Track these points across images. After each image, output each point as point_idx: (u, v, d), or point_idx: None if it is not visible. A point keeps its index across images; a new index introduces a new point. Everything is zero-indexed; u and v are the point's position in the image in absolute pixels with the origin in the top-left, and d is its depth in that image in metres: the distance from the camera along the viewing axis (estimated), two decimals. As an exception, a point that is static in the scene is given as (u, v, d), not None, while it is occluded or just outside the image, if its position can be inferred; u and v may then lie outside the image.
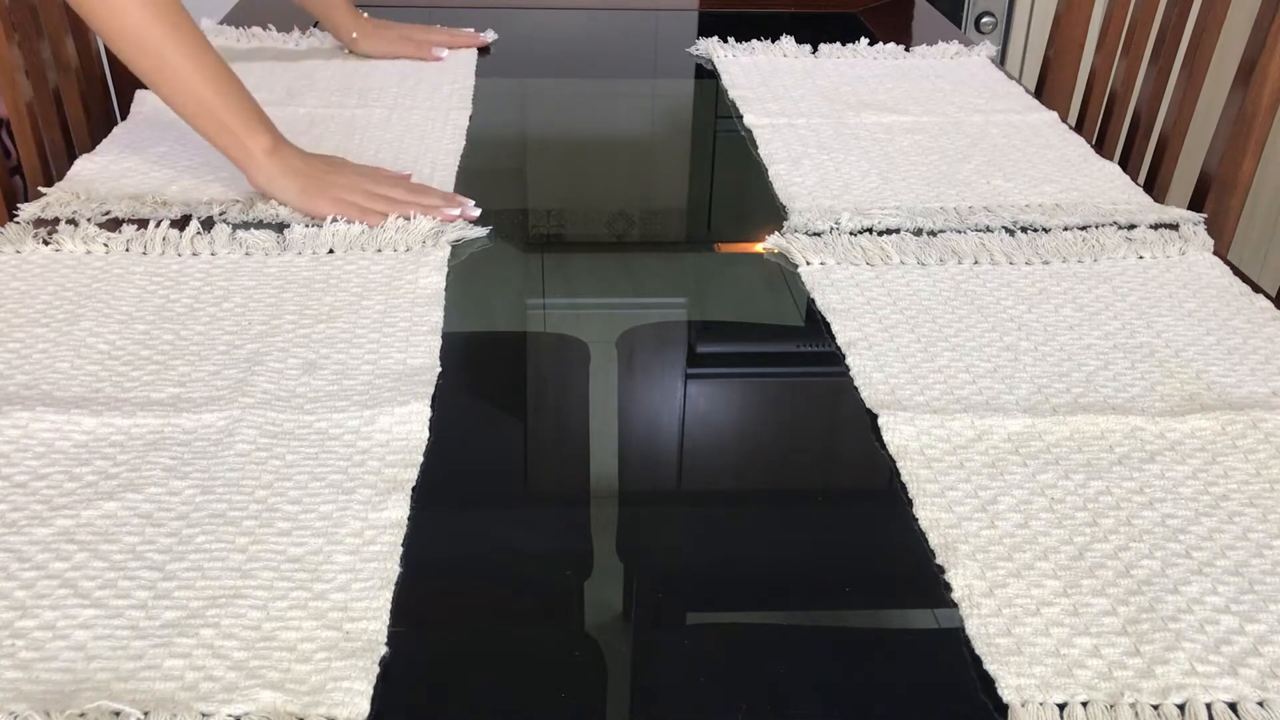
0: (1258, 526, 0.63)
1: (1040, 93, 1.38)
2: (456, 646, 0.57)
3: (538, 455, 0.73)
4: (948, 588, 0.59)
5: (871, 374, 0.76)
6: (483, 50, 1.41)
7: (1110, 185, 1.06)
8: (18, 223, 0.94)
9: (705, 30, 1.51)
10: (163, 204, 0.98)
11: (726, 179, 1.15)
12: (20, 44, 1.13)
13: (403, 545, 0.60)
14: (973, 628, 0.56)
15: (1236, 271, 0.91)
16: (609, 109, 1.33)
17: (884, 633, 0.59)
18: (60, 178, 1.09)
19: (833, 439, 0.76)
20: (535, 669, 0.55)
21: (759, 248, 0.97)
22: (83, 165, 1.05)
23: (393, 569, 0.59)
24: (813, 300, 0.87)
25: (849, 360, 0.78)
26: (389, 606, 0.56)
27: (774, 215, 1.01)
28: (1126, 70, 1.31)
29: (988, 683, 0.53)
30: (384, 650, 0.54)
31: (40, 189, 1.00)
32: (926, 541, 0.62)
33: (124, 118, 1.17)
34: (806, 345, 0.86)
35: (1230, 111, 1.13)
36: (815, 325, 0.87)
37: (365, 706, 0.51)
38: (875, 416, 0.73)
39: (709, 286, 0.95)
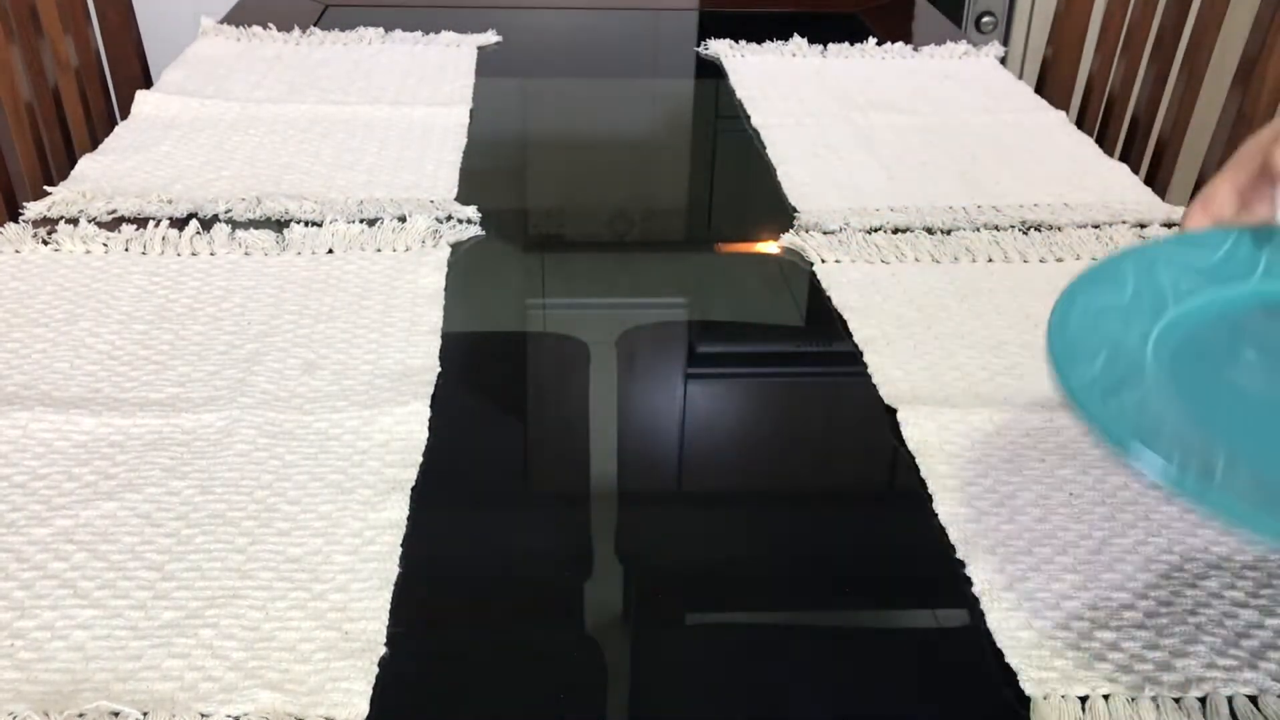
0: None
1: (1040, 93, 1.38)
2: (456, 647, 0.56)
3: (538, 455, 0.73)
4: (968, 582, 0.59)
5: (889, 370, 0.77)
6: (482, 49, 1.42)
7: (1120, 185, 1.06)
8: (20, 222, 0.95)
9: (705, 30, 1.51)
10: (168, 202, 0.98)
11: (727, 179, 1.15)
12: (20, 44, 1.13)
13: (402, 545, 0.60)
14: (994, 622, 0.57)
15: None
16: (609, 109, 1.33)
17: (905, 627, 0.59)
18: (61, 178, 1.09)
19: (835, 438, 0.76)
20: (535, 669, 0.55)
21: (773, 245, 0.97)
22: (87, 164, 1.05)
23: (392, 569, 0.59)
24: (818, 299, 0.88)
25: (866, 357, 0.78)
26: (388, 607, 0.56)
27: (777, 214, 1.01)
28: (1126, 70, 1.31)
29: (1010, 676, 0.54)
30: (383, 651, 0.54)
31: (46, 188, 1.00)
32: (946, 536, 0.62)
33: (124, 117, 1.17)
34: (807, 345, 0.86)
35: (1230, 111, 1.13)
36: (815, 325, 0.87)
37: (364, 707, 0.51)
38: (882, 414, 0.73)
39: (709, 286, 0.95)
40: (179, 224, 0.94)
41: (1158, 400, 0.52)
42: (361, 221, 0.95)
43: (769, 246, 0.97)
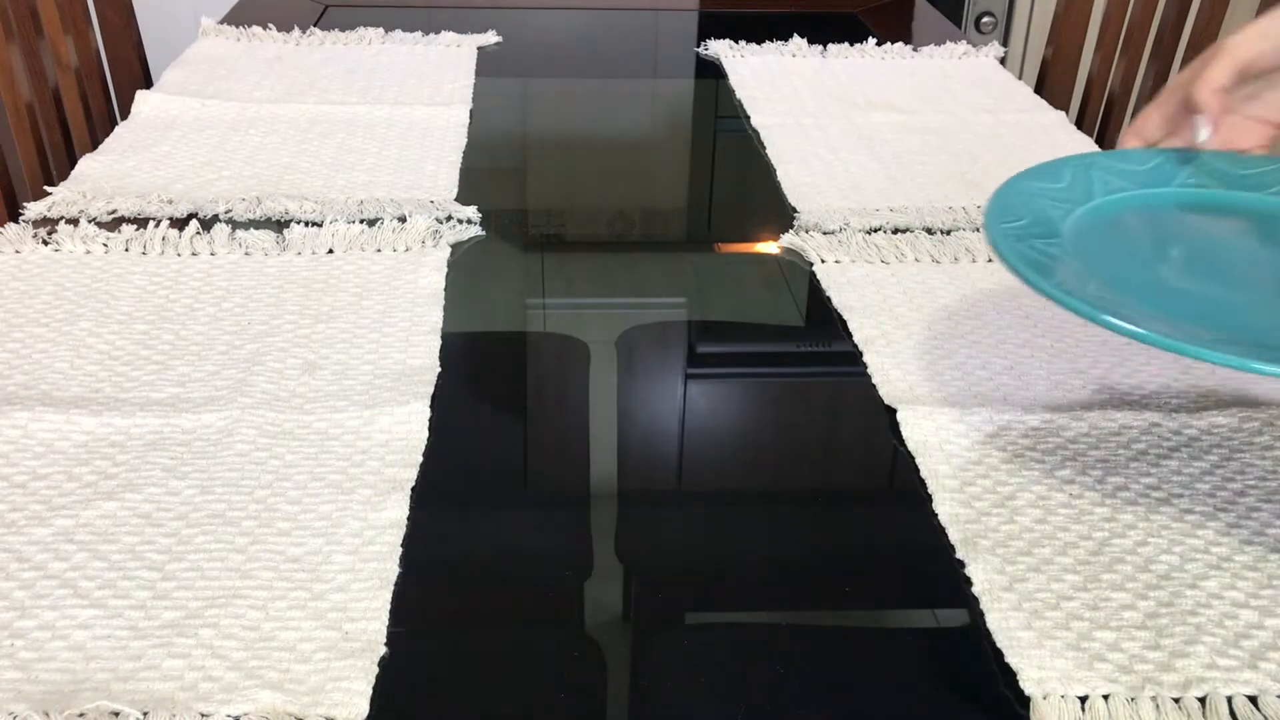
0: (1275, 522, 0.64)
1: (1040, 93, 1.38)
2: (456, 646, 0.57)
3: (537, 455, 0.73)
4: (968, 582, 0.59)
5: (889, 370, 0.77)
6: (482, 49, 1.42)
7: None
8: (21, 222, 0.95)
9: (705, 30, 1.51)
10: (168, 202, 0.98)
11: (727, 179, 1.15)
12: (20, 44, 1.13)
13: (402, 545, 0.60)
14: (994, 621, 0.57)
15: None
16: (609, 109, 1.33)
17: (905, 627, 0.59)
18: (61, 178, 1.09)
19: (836, 438, 0.77)
20: (535, 669, 0.55)
21: (773, 245, 0.97)
22: (87, 165, 1.05)
23: (392, 569, 0.59)
24: (818, 299, 0.88)
25: (866, 357, 0.78)
26: (388, 607, 0.56)
27: (776, 214, 1.01)
28: (1126, 70, 1.31)
29: (1009, 676, 0.54)
30: (383, 650, 0.54)
31: (46, 188, 1.00)
32: (946, 537, 0.62)
33: (124, 117, 1.17)
34: (807, 345, 0.86)
35: (1231, 111, 1.13)
36: (815, 325, 0.87)
37: (364, 707, 0.51)
38: (882, 415, 0.73)
39: (709, 286, 0.95)
40: (179, 224, 0.94)
41: (1059, 250, 0.63)
42: (361, 221, 0.95)
43: (769, 246, 0.97)
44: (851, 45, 1.42)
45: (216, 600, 0.56)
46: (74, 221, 0.94)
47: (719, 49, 1.42)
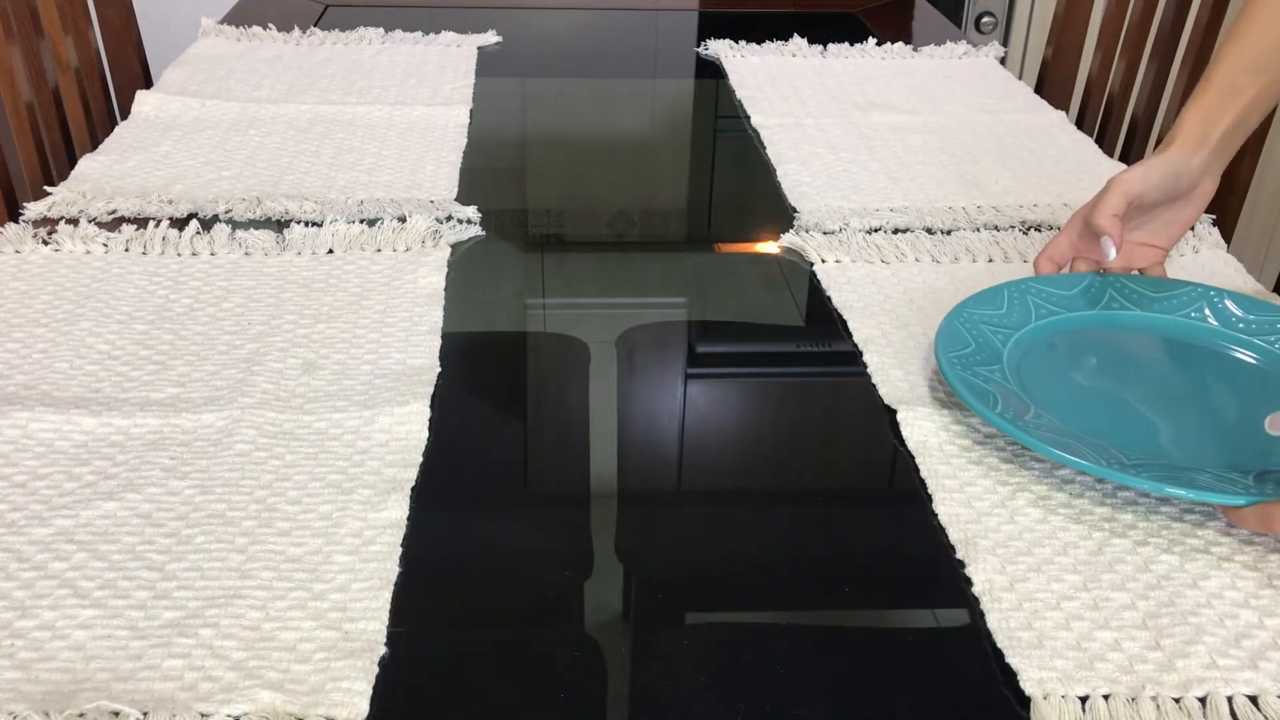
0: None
1: (1040, 93, 1.38)
2: (456, 646, 0.57)
3: (538, 455, 0.73)
4: (968, 582, 0.59)
5: (889, 370, 0.77)
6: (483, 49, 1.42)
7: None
8: (21, 222, 0.95)
9: (705, 30, 1.51)
10: (168, 202, 0.98)
11: (727, 179, 1.15)
12: (20, 44, 1.13)
13: (402, 545, 0.60)
14: (994, 622, 0.57)
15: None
16: (609, 109, 1.33)
17: (905, 627, 0.59)
18: (61, 178, 1.09)
19: (836, 438, 0.77)
20: (535, 669, 0.55)
21: (773, 245, 0.97)
22: (87, 164, 1.05)
23: (392, 569, 0.59)
24: (818, 299, 0.88)
25: (866, 357, 0.78)
26: (388, 606, 0.56)
27: (776, 214, 1.01)
28: (1126, 70, 1.31)
29: (1009, 676, 0.54)
30: (383, 650, 0.54)
31: (46, 188, 1.00)
32: (946, 537, 0.62)
33: (124, 117, 1.17)
34: (807, 345, 0.86)
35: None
36: (815, 325, 0.87)
37: (364, 707, 0.51)
38: (882, 415, 0.73)
39: (709, 286, 0.95)
40: (179, 224, 0.94)
41: (1000, 376, 0.72)
42: (361, 221, 0.95)
43: (769, 246, 0.97)
44: (851, 45, 1.42)
45: (216, 600, 0.56)
46: (74, 221, 0.94)
47: (719, 49, 1.42)
